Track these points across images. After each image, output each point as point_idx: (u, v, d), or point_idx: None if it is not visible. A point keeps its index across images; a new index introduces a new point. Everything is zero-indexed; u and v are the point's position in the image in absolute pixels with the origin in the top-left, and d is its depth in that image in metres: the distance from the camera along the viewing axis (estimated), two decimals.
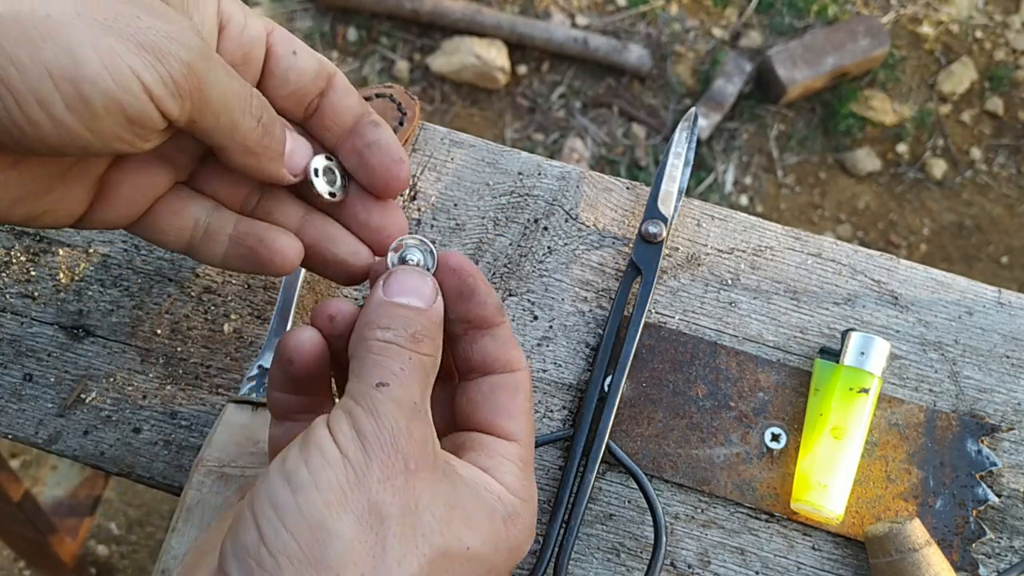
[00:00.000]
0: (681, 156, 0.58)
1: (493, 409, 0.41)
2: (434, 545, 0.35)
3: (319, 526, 0.33)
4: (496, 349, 0.42)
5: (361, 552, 0.33)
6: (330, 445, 0.35)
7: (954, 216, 2.04)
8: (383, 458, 0.35)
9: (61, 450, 0.53)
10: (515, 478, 0.40)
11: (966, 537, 0.52)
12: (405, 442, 0.35)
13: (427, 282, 0.40)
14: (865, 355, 0.53)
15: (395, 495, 0.34)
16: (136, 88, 0.33)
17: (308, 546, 0.33)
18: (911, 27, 2.19)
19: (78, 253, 0.57)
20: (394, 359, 0.37)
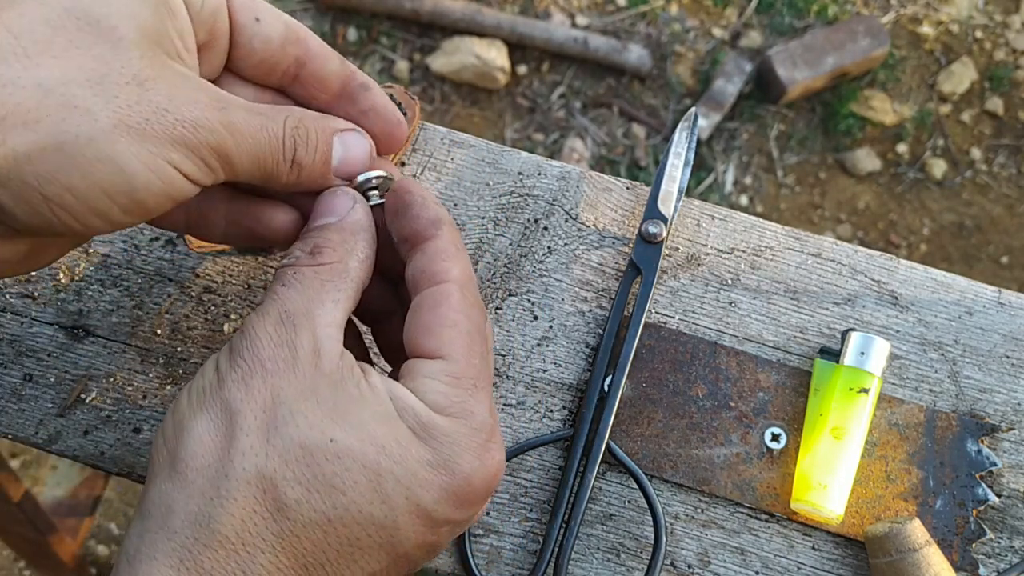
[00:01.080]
0: (681, 156, 0.58)
1: (414, 329, 0.39)
2: (287, 436, 0.35)
3: (180, 425, 0.36)
4: (424, 263, 0.40)
5: (208, 444, 0.35)
6: (209, 360, 0.38)
7: (954, 216, 2.04)
8: (241, 362, 0.36)
9: (61, 450, 0.53)
10: (440, 395, 0.38)
11: (966, 537, 0.52)
12: (264, 346, 0.37)
13: (342, 197, 0.41)
14: (865, 355, 0.53)
15: (247, 392, 0.36)
16: (180, 181, 0.36)
17: (170, 443, 0.36)
18: (911, 27, 2.19)
19: (78, 253, 0.57)
20: (277, 280, 0.39)
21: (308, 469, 0.35)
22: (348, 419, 0.36)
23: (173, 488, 0.35)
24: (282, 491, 0.35)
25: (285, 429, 0.35)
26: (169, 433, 0.36)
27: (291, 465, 0.35)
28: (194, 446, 0.35)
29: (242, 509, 0.34)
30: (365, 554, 0.36)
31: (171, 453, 0.36)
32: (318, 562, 0.35)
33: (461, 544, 0.52)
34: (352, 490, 0.35)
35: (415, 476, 0.36)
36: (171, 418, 0.37)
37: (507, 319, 0.56)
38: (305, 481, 0.35)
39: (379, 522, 0.36)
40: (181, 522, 0.34)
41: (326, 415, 0.36)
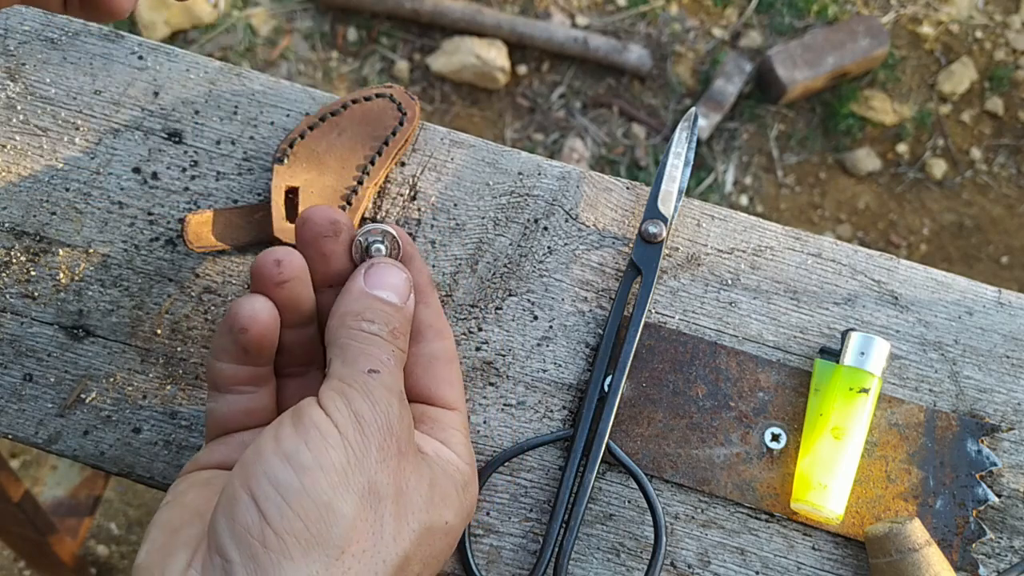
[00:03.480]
0: (681, 156, 0.58)
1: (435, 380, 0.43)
2: (421, 522, 0.38)
3: (325, 506, 0.34)
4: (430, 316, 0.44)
5: (363, 530, 0.35)
6: (328, 426, 0.36)
7: (954, 216, 2.04)
8: (379, 440, 0.36)
9: (61, 450, 0.53)
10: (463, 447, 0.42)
11: (966, 537, 0.52)
12: (398, 426, 0.37)
13: (404, 279, 0.42)
14: (865, 355, 0.53)
15: (390, 476, 0.36)
16: None
17: (314, 526, 0.34)
18: (911, 27, 2.19)
19: (78, 253, 0.57)
20: (381, 349, 0.39)
21: (428, 548, 0.39)
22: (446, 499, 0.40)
23: (329, 574, 0.34)
24: (411, 568, 0.37)
25: (420, 515, 0.38)
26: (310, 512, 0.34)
27: (419, 546, 0.38)
28: (349, 531, 0.34)
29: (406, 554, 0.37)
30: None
31: (316, 534, 0.34)
32: None
33: (461, 544, 0.52)
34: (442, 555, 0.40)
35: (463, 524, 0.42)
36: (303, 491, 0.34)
37: (507, 319, 0.56)
38: (425, 556, 0.38)
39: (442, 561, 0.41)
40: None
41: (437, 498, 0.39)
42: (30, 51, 0.61)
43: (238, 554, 0.34)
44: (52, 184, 0.58)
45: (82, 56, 0.61)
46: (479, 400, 0.55)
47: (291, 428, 0.36)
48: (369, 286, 0.41)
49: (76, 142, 0.59)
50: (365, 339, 0.39)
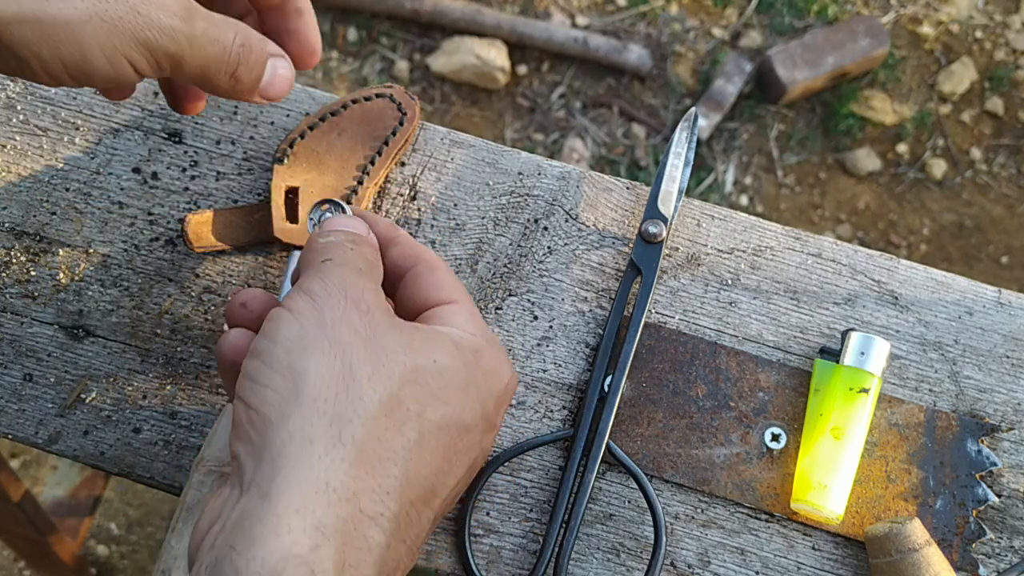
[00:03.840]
0: (681, 156, 0.58)
1: (423, 288, 0.45)
2: (400, 362, 0.39)
3: (288, 369, 0.38)
4: (403, 250, 0.46)
5: (330, 377, 0.37)
6: (279, 312, 0.40)
7: (954, 216, 2.04)
8: (333, 304, 0.39)
9: (61, 450, 0.53)
10: (467, 322, 0.44)
11: (966, 537, 0.52)
12: (353, 289, 0.40)
13: (355, 220, 0.46)
14: (865, 355, 0.53)
15: (351, 328, 0.39)
16: (130, 73, 0.41)
17: (283, 388, 0.37)
18: (911, 27, 2.19)
19: (78, 253, 0.57)
20: (334, 247, 0.43)
21: (420, 386, 0.39)
22: (434, 343, 0.41)
23: (307, 422, 0.36)
24: (406, 407, 0.38)
25: (397, 356, 0.39)
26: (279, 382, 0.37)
27: (408, 384, 0.39)
28: (319, 381, 0.37)
29: (376, 426, 0.37)
30: (458, 460, 0.41)
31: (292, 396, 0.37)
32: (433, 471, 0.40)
33: (461, 544, 0.52)
34: (452, 400, 0.41)
35: (483, 386, 0.43)
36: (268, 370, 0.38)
37: (507, 319, 0.56)
38: (420, 396, 0.39)
39: (468, 426, 0.41)
40: (323, 447, 0.36)
41: (419, 341, 0.41)
42: None
43: (240, 446, 0.37)
44: (52, 184, 0.58)
45: None
46: None
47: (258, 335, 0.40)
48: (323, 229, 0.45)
49: (76, 142, 0.59)
50: (320, 247, 0.43)
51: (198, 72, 0.43)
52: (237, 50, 0.44)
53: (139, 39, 0.40)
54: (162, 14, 0.40)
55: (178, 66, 0.42)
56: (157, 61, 0.41)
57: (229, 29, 0.43)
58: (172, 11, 0.40)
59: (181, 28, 0.41)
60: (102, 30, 0.39)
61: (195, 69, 0.43)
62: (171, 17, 0.40)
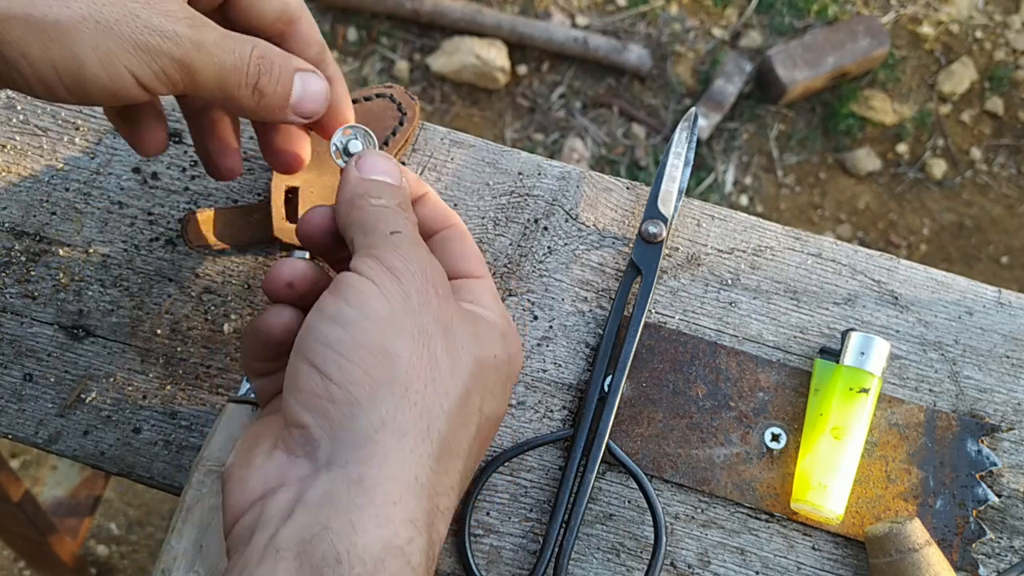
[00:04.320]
0: (681, 156, 0.58)
1: (453, 257, 0.45)
2: (471, 355, 0.40)
3: (380, 350, 0.37)
4: (431, 210, 0.46)
5: (420, 367, 0.37)
6: (365, 283, 0.38)
7: (954, 216, 2.04)
8: (417, 286, 0.39)
9: (61, 450, 0.53)
10: (496, 304, 0.44)
11: (966, 537, 0.52)
12: (432, 271, 0.40)
13: (392, 163, 0.44)
14: (865, 355, 0.53)
15: (432, 316, 0.38)
16: (130, 83, 0.38)
17: (375, 370, 0.36)
18: (911, 27, 2.19)
19: (78, 253, 0.57)
20: (396, 216, 0.42)
21: (482, 380, 0.40)
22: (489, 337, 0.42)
23: (400, 412, 0.36)
24: (473, 401, 0.39)
25: (469, 349, 0.40)
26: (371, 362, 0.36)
27: (475, 378, 0.39)
28: (409, 369, 0.37)
29: (456, 422, 0.38)
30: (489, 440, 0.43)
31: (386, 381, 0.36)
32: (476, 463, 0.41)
33: (461, 544, 0.52)
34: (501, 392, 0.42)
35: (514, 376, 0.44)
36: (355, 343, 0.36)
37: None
38: (481, 388, 0.40)
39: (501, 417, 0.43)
40: (414, 442, 0.36)
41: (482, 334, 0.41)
42: None
43: (311, 417, 0.36)
44: (52, 184, 0.58)
45: None
46: None
47: (331, 296, 0.38)
48: (364, 172, 0.43)
49: (76, 142, 0.59)
50: (378, 211, 0.41)
51: (215, 84, 0.40)
52: (256, 61, 0.41)
53: (138, 43, 0.37)
54: (164, 19, 0.38)
55: (190, 76, 0.39)
56: (164, 69, 0.38)
57: (246, 41, 0.41)
58: (176, 16, 0.38)
59: (186, 33, 0.38)
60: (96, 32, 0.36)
61: (211, 80, 0.40)
62: (175, 22, 0.38)
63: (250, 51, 0.41)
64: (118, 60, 0.37)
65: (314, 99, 0.44)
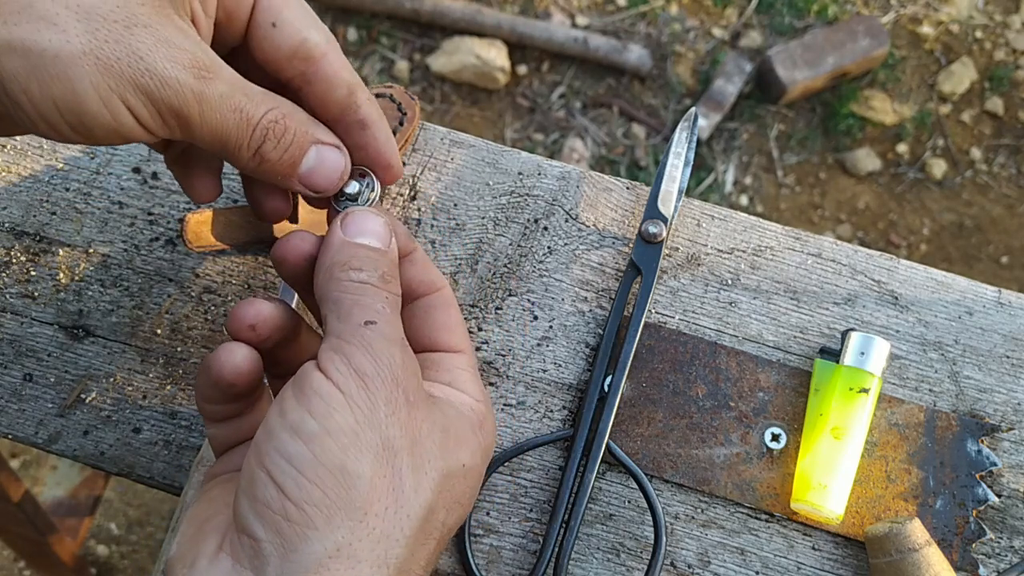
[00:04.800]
0: (681, 156, 0.58)
1: (434, 327, 0.42)
2: (438, 469, 0.37)
3: (340, 470, 0.34)
4: (418, 272, 0.43)
5: (382, 488, 0.35)
6: (331, 389, 0.35)
7: (954, 216, 2.04)
8: (386, 394, 0.36)
9: (61, 450, 0.53)
10: (473, 385, 0.42)
11: (966, 537, 0.52)
12: (403, 376, 0.37)
13: (382, 223, 0.41)
14: (865, 355, 0.53)
15: (401, 428, 0.36)
16: (131, 123, 0.36)
17: (333, 491, 0.34)
18: (911, 27, 2.19)
19: (78, 253, 0.57)
20: (374, 298, 0.38)
21: (448, 494, 0.38)
22: (461, 441, 0.39)
23: (356, 538, 0.34)
24: (436, 516, 0.37)
25: (436, 463, 0.37)
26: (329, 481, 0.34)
27: (440, 494, 0.37)
28: (369, 491, 0.35)
29: (413, 546, 0.36)
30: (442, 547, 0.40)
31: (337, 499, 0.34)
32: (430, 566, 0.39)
33: (461, 544, 0.52)
34: (464, 499, 0.40)
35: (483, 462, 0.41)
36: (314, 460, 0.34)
37: (507, 319, 0.56)
38: (445, 503, 0.38)
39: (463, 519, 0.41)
40: (369, 571, 0.34)
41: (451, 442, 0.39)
42: None
43: (263, 531, 0.34)
44: (52, 184, 0.58)
45: None
46: None
47: (294, 400, 0.36)
48: (348, 235, 0.40)
49: None
50: (356, 289, 0.38)
51: (211, 140, 0.38)
52: (267, 124, 0.39)
53: (137, 84, 0.35)
54: (168, 64, 0.36)
55: (186, 128, 0.37)
56: (161, 116, 0.37)
57: (263, 103, 0.39)
58: (181, 63, 0.36)
59: (189, 83, 0.36)
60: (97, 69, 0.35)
61: (207, 136, 0.38)
62: (178, 69, 0.36)
63: (263, 112, 0.39)
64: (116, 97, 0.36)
65: (327, 176, 0.41)
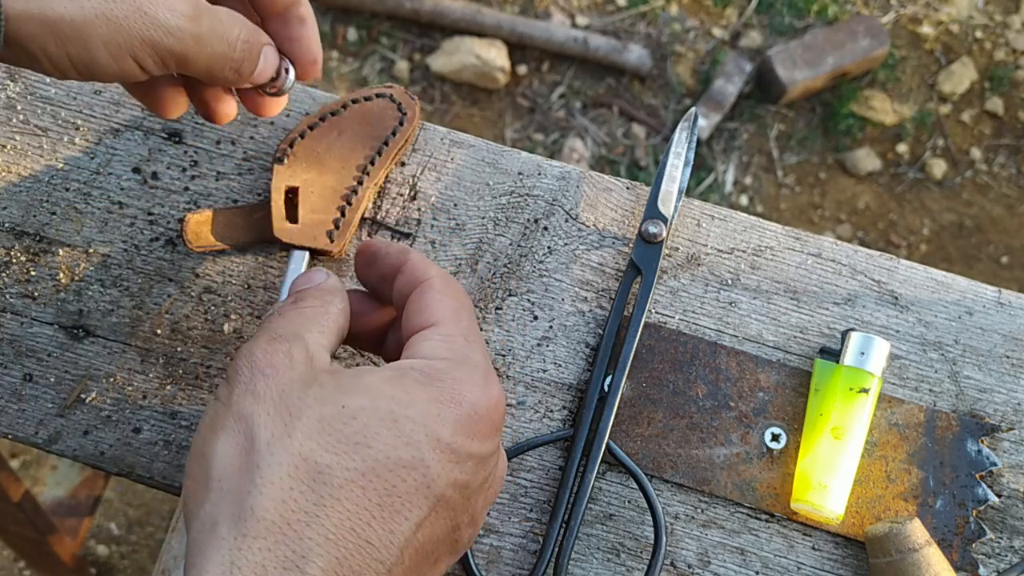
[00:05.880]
0: (681, 156, 0.58)
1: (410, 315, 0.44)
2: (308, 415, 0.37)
3: (200, 457, 0.38)
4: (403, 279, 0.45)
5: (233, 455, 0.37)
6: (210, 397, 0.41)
7: (954, 216, 2.04)
8: (239, 378, 0.39)
9: (61, 450, 0.53)
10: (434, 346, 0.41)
11: (966, 537, 0.52)
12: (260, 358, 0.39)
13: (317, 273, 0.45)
14: (865, 355, 0.53)
15: (254, 396, 0.38)
16: (136, 71, 0.42)
17: (199, 477, 0.37)
18: (911, 27, 2.19)
19: (78, 253, 0.57)
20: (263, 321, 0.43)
21: (331, 435, 0.37)
22: (356, 388, 0.39)
23: (213, 506, 0.36)
24: (313, 460, 0.36)
25: (299, 411, 0.37)
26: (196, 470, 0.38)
27: (314, 437, 0.37)
28: (222, 461, 0.37)
29: (280, 490, 0.35)
30: (405, 502, 0.37)
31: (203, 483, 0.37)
32: (364, 521, 0.36)
33: None
34: (376, 440, 0.37)
35: (428, 413, 0.38)
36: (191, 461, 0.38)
37: (507, 319, 0.56)
38: (331, 446, 0.37)
39: (408, 463, 0.37)
40: (226, 528, 0.35)
41: (334, 391, 0.38)
42: None
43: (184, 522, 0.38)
44: (52, 184, 0.58)
45: None
46: None
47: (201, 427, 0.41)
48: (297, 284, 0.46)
49: (76, 142, 0.59)
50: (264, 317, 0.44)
51: (203, 69, 0.44)
52: (242, 47, 0.45)
53: (144, 39, 0.41)
54: (169, 15, 0.41)
55: (183, 64, 0.43)
56: (163, 60, 0.42)
57: (234, 26, 0.44)
58: (179, 11, 0.41)
59: (188, 28, 0.42)
60: (107, 29, 0.40)
61: (200, 67, 0.44)
62: (178, 17, 0.41)
63: (237, 36, 0.44)
64: (126, 52, 0.41)
65: (268, 72, 0.48)
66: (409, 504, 0.37)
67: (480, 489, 0.41)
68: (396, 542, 0.36)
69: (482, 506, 0.42)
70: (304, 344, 0.40)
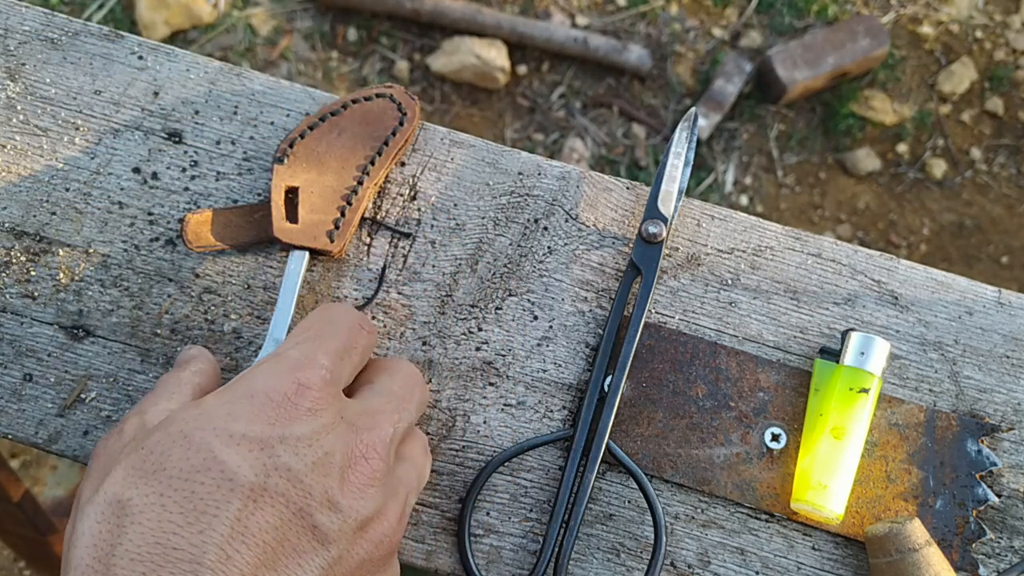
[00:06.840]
0: (681, 156, 0.58)
1: None
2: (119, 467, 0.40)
3: None
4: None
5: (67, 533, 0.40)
6: None
7: (954, 216, 2.04)
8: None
9: (61, 450, 0.53)
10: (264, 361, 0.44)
11: (966, 537, 0.52)
12: (99, 443, 0.44)
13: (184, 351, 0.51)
14: (865, 355, 0.53)
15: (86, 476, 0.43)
16: None
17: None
18: (911, 27, 2.19)
19: (78, 253, 0.57)
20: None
21: (133, 475, 0.39)
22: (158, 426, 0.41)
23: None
24: (117, 500, 0.39)
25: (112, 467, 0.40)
26: None
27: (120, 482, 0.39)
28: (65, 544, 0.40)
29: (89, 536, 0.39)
30: (209, 503, 0.38)
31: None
32: (168, 532, 0.37)
33: (461, 544, 0.52)
34: (169, 461, 0.39)
35: (218, 416, 0.40)
36: None
37: (507, 319, 0.56)
38: (132, 483, 0.39)
39: (201, 467, 0.38)
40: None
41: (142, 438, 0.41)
42: (30, 51, 0.61)
43: None
44: (52, 184, 0.58)
45: (82, 56, 0.61)
46: (479, 400, 0.55)
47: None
48: None
49: (76, 142, 0.59)
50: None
51: None
52: None
53: None
54: None
55: None
56: None
57: None
58: None
59: None
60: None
61: None
62: None
63: None
64: None
65: None
66: (214, 503, 0.38)
67: (326, 467, 0.40)
68: (213, 539, 0.37)
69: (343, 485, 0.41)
70: (142, 417, 0.44)
